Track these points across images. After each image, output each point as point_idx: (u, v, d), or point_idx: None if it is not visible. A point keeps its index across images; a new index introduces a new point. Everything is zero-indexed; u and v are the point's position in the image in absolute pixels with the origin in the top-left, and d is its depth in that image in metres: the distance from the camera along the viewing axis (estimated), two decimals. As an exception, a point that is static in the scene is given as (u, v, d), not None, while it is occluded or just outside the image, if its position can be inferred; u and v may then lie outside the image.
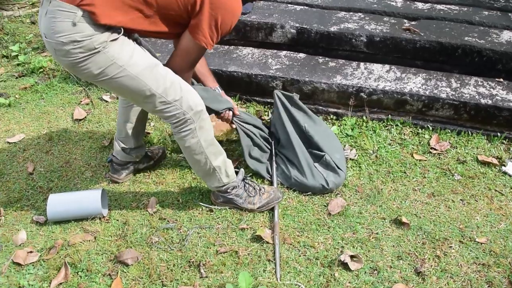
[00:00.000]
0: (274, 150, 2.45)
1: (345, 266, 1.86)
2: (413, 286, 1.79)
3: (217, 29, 1.73)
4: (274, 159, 2.40)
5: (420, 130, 2.67)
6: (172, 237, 2.02)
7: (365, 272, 1.85)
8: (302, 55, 3.06)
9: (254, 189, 2.14)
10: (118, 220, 2.12)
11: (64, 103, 3.09)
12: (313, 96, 2.81)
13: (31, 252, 1.95)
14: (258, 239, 1.99)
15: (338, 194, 2.25)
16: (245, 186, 2.14)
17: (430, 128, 2.67)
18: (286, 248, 1.96)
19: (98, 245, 1.99)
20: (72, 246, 1.97)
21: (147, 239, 2.00)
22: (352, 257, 1.88)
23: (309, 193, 2.25)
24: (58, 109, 3.03)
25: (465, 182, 2.32)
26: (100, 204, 2.07)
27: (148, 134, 2.70)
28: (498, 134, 2.59)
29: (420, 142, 2.59)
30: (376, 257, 1.91)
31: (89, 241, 2.01)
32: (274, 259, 1.90)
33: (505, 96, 2.60)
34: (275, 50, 3.14)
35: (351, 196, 2.24)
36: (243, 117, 2.37)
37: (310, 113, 2.52)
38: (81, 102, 3.10)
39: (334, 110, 2.82)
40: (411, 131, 2.67)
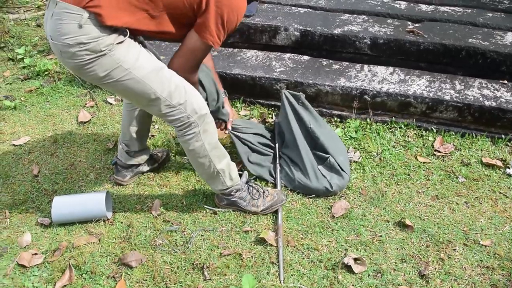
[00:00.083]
0: (278, 153, 2.45)
1: (348, 268, 1.86)
2: (417, 289, 1.79)
3: (223, 27, 1.73)
4: (278, 162, 2.40)
5: (424, 132, 2.67)
6: (176, 239, 2.03)
7: (368, 274, 1.85)
8: (306, 58, 3.06)
9: (258, 191, 2.14)
10: (122, 222, 2.13)
11: (69, 106, 3.11)
12: (317, 98, 2.81)
13: (36, 254, 1.96)
14: (262, 242, 1.99)
15: (342, 196, 2.25)
16: (248, 188, 2.14)
17: (434, 130, 2.67)
18: (290, 250, 1.96)
19: (102, 247, 2.00)
20: (76, 248, 1.98)
21: (151, 242, 2.01)
22: (355, 259, 1.88)
23: (312, 195, 2.25)
24: (63, 111, 3.05)
25: (469, 184, 2.31)
26: (104, 206, 2.07)
27: (152, 136, 2.71)
28: (503, 136, 2.58)
29: (424, 145, 2.59)
30: (379, 259, 1.91)
31: (93, 243, 2.02)
32: (278, 262, 1.90)
33: (509, 98, 2.59)
34: (279, 53, 3.14)
35: (355, 198, 2.24)
36: (239, 126, 2.38)
37: (315, 114, 2.53)
38: (86, 104, 3.11)
39: (338, 112, 2.82)
40: (415, 134, 2.67)
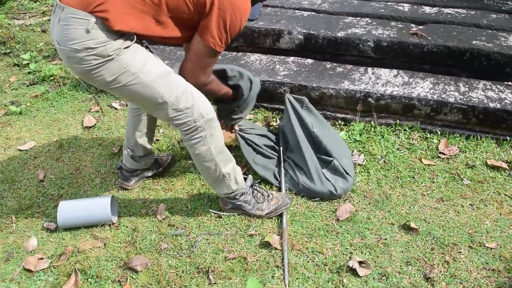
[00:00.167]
0: (282, 156, 2.45)
1: (353, 272, 1.86)
2: (422, 292, 1.79)
3: (225, 30, 1.72)
4: (282, 165, 2.40)
5: (428, 134, 2.66)
6: (181, 243, 2.04)
7: (373, 278, 1.84)
8: (309, 61, 3.06)
9: (263, 195, 2.14)
10: (127, 226, 2.14)
11: (74, 111, 3.13)
12: (321, 101, 2.81)
13: (42, 258, 1.97)
14: (267, 245, 2.00)
15: (347, 199, 2.25)
16: (253, 192, 2.14)
17: (439, 132, 2.66)
18: (295, 254, 1.96)
19: (108, 251, 2.00)
20: (82, 253, 1.99)
21: (156, 246, 2.02)
22: (360, 263, 1.87)
23: (317, 199, 2.25)
24: (68, 116, 3.07)
25: (474, 186, 2.31)
26: (109, 211, 2.08)
27: (157, 141, 2.72)
28: (508, 138, 2.57)
29: (428, 147, 2.58)
30: (384, 263, 1.91)
31: (99, 247, 2.02)
32: (283, 265, 1.90)
33: (514, 100, 2.59)
34: (283, 56, 3.15)
35: (360, 201, 2.24)
36: (244, 127, 2.38)
37: (320, 117, 2.53)
38: (91, 109, 3.13)
39: (342, 115, 2.82)
40: (420, 136, 2.66)
